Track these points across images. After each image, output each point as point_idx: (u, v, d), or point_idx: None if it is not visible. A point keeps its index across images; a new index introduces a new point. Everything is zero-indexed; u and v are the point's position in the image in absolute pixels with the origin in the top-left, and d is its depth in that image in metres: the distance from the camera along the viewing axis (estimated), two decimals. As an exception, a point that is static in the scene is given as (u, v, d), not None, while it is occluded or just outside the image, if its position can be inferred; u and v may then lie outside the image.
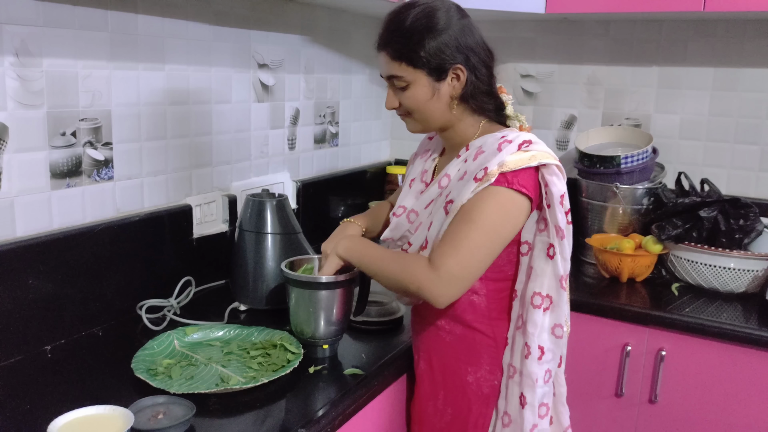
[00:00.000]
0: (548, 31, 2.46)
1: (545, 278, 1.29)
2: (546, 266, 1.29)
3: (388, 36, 1.31)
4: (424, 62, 1.27)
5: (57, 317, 1.43)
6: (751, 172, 2.22)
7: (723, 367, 1.70)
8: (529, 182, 1.24)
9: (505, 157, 1.23)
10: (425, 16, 1.28)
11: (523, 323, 1.31)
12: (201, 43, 1.76)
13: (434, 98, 1.31)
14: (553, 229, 1.27)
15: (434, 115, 1.33)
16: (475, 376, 1.36)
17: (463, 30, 1.29)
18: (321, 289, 1.37)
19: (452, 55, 1.28)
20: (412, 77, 1.29)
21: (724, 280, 1.87)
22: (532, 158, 1.24)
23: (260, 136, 2.02)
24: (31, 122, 1.38)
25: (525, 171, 1.24)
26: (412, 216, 1.39)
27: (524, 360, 1.30)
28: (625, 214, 2.13)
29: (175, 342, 1.43)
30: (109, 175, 1.56)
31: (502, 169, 1.22)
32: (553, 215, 1.26)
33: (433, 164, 1.46)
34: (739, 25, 2.17)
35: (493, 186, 1.23)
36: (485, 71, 1.32)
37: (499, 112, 1.37)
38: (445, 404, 1.39)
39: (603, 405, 1.85)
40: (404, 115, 1.38)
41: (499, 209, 1.24)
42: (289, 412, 1.22)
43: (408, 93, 1.31)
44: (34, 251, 1.38)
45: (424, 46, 1.27)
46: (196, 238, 1.77)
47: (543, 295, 1.29)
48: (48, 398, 1.21)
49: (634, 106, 2.36)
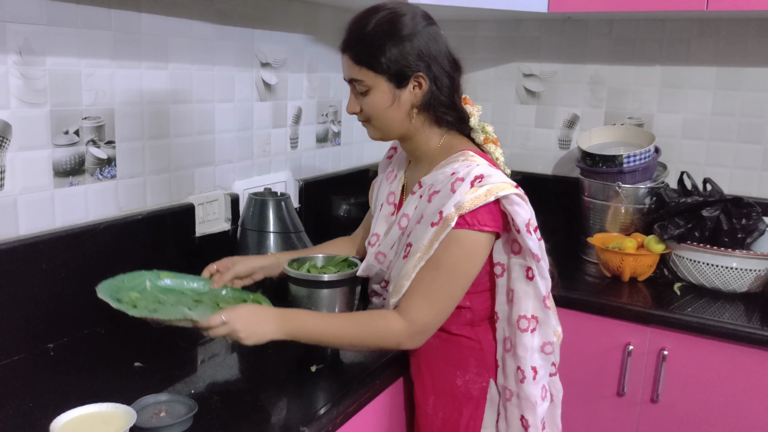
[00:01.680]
0: (551, 30, 2.45)
1: (529, 300, 1.30)
2: (528, 288, 1.29)
3: (351, 39, 1.31)
4: (384, 68, 1.26)
5: (59, 315, 1.44)
6: (753, 171, 2.21)
7: (725, 366, 1.70)
8: (488, 217, 1.23)
9: (460, 198, 1.21)
10: (388, 22, 1.27)
11: (512, 346, 1.32)
12: (204, 42, 1.77)
13: (394, 105, 1.29)
14: (529, 254, 1.27)
15: (393, 123, 1.32)
16: (463, 378, 1.36)
17: (429, 38, 1.27)
18: (323, 288, 1.37)
19: (414, 62, 1.26)
20: (372, 82, 1.28)
21: (727, 280, 1.87)
22: (488, 193, 1.22)
23: (263, 135, 2.02)
24: (34, 120, 1.38)
25: (483, 208, 1.22)
26: (381, 257, 1.39)
27: (520, 384, 1.31)
28: (628, 214, 2.13)
29: (147, 282, 1.40)
30: (112, 174, 1.56)
31: (460, 211, 1.21)
32: (524, 242, 1.25)
33: (399, 184, 1.46)
34: (742, 24, 2.17)
35: (454, 230, 1.22)
36: (447, 81, 1.30)
37: (462, 124, 1.36)
38: (436, 408, 1.39)
39: (605, 404, 1.85)
40: (364, 122, 1.37)
41: (464, 254, 1.23)
42: (291, 410, 1.22)
43: (368, 98, 1.31)
44: (36, 249, 1.38)
45: (385, 51, 1.25)
46: (198, 236, 1.77)
47: (528, 317, 1.30)
48: (50, 396, 1.21)
49: (637, 106, 2.36)
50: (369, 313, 1.33)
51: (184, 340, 1.46)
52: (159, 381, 1.29)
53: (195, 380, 1.31)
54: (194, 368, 1.39)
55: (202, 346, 1.48)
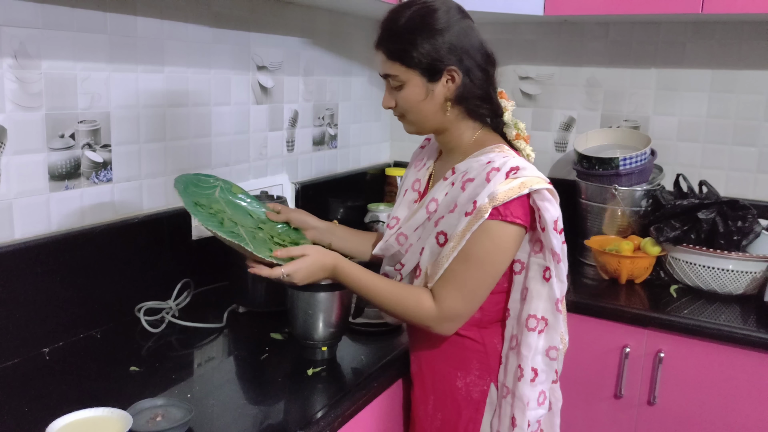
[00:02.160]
0: (548, 33, 2.46)
1: (541, 301, 1.30)
2: (542, 288, 1.29)
3: (384, 34, 1.31)
4: (416, 62, 1.27)
5: (55, 319, 1.43)
6: (749, 173, 2.22)
7: (721, 368, 1.70)
8: (520, 211, 1.23)
9: (494, 189, 1.22)
10: (420, 16, 1.27)
11: (517, 344, 1.32)
12: (200, 45, 1.76)
13: (428, 99, 1.30)
14: (549, 253, 1.27)
15: (427, 117, 1.33)
16: (464, 381, 1.36)
17: (461, 32, 1.28)
18: (320, 291, 1.37)
19: (446, 56, 1.27)
20: (405, 77, 1.29)
21: (723, 282, 1.87)
22: (522, 186, 1.22)
23: (259, 138, 2.02)
24: (29, 124, 1.38)
25: (516, 200, 1.23)
26: (402, 239, 1.39)
27: (516, 382, 1.30)
28: (624, 216, 2.13)
29: (217, 190, 1.44)
30: (108, 177, 1.56)
31: (493, 202, 1.21)
32: (548, 240, 1.26)
33: (427, 173, 1.46)
34: (737, 27, 2.17)
35: (487, 221, 1.22)
36: (481, 74, 1.30)
37: (496, 118, 1.36)
38: (435, 409, 1.39)
39: (602, 406, 1.86)
40: (400, 116, 1.38)
41: (496, 245, 1.24)
42: (288, 413, 1.22)
43: (402, 93, 1.31)
44: (32, 253, 1.38)
45: (417, 46, 1.26)
46: (194, 240, 1.77)
47: (538, 318, 1.30)
48: (46, 401, 1.21)
49: (633, 108, 2.36)
50: (407, 289, 1.32)
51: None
52: (155, 385, 1.29)
53: (191, 384, 1.31)
54: (191, 372, 1.38)
55: (198, 350, 1.47)
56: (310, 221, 1.52)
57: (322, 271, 1.30)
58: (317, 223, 1.52)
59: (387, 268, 1.46)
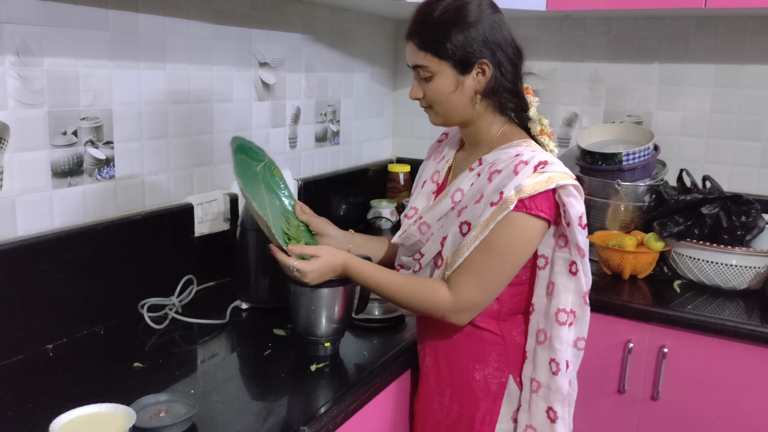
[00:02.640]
0: (550, 28, 2.45)
1: (569, 294, 1.31)
2: (569, 282, 1.31)
3: (417, 26, 1.31)
4: (449, 54, 1.27)
5: (58, 316, 1.43)
6: (752, 168, 2.21)
7: (725, 364, 1.70)
8: (546, 205, 1.24)
9: (521, 181, 1.23)
10: (455, 9, 1.27)
11: (546, 339, 1.32)
12: (202, 42, 1.76)
13: (457, 91, 1.30)
14: (575, 248, 1.28)
15: (456, 109, 1.33)
16: (482, 373, 1.37)
17: (493, 25, 1.29)
18: (323, 287, 1.37)
19: (479, 49, 1.27)
20: (436, 68, 1.29)
21: (726, 277, 1.87)
22: (549, 180, 1.23)
23: (261, 135, 2.02)
24: (32, 121, 1.38)
25: (542, 194, 1.23)
26: (424, 228, 1.38)
27: (553, 376, 1.32)
28: (627, 211, 2.13)
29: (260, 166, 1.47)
30: (111, 174, 1.56)
31: (519, 195, 1.22)
32: (573, 235, 1.27)
33: (446, 165, 1.47)
34: (740, 21, 2.16)
35: (512, 213, 1.23)
36: (511, 68, 1.31)
37: (522, 113, 1.37)
38: (452, 401, 1.40)
39: (605, 402, 1.85)
40: (427, 107, 1.37)
41: (518, 237, 1.25)
42: (291, 409, 1.22)
43: (432, 84, 1.31)
44: (35, 250, 1.38)
45: (451, 38, 1.26)
46: (197, 236, 1.77)
47: (567, 311, 1.31)
48: (49, 397, 1.21)
49: (636, 103, 2.36)
50: (421, 280, 1.33)
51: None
52: (158, 381, 1.29)
53: (195, 380, 1.31)
54: (194, 368, 1.38)
55: (202, 346, 1.48)
56: (329, 230, 1.52)
57: (332, 272, 1.32)
58: (336, 233, 1.53)
59: (404, 258, 1.46)
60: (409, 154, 2.75)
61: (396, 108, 2.76)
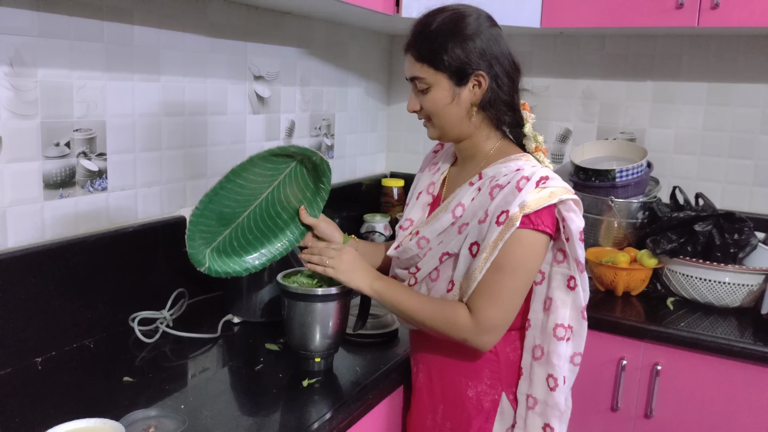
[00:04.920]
0: (544, 45, 2.47)
1: (567, 309, 1.31)
2: (567, 297, 1.31)
3: (414, 38, 1.32)
4: (446, 65, 1.28)
5: (48, 329, 1.42)
6: (744, 186, 2.22)
7: (718, 381, 1.69)
8: (549, 219, 1.25)
9: (525, 198, 1.23)
10: (452, 21, 1.29)
11: (543, 354, 1.32)
12: (197, 55, 1.76)
13: (454, 102, 1.31)
14: (574, 263, 1.29)
15: (453, 121, 1.33)
16: (475, 390, 1.36)
17: (491, 39, 1.30)
18: (316, 302, 1.36)
19: (475, 61, 1.28)
20: (433, 79, 1.30)
21: (719, 295, 1.87)
22: (551, 195, 1.24)
23: (255, 148, 2.01)
24: (24, 132, 1.37)
25: (545, 209, 1.24)
26: (423, 242, 1.37)
27: (550, 392, 1.31)
28: (620, 228, 2.13)
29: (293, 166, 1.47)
30: (103, 186, 1.55)
31: (524, 211, 1.22)
32: (573, 249, 1.27)
33: (441, 177, 1.46)
34: (733, 40, 2.18)
35: (518, 230, 1.23)
36: (508, 82, 1.32)
37: (518, 129, 1.37)
38: (444, 418, 1.39)
39: (598, 419, 1.85)
40: (425, 121, 1.38)
41: (527, 253, 1.25)
42: (283, 425, 1.21)
43: (429, 96, 1.32)
44: (25, 262, 1.37)
45: (448, 49, 1.27)
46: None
47: (565, 326, 1.31)
48: (38, 411, 1.20)
49: (629, 121, 2.37)
50: (443, 303, 1.32)
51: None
52: (148, 396, 1.27)
53: (185, 395, 1.30)
54: (184, 383, 1.37)
55: (193, 361, 1.46)
56: (336, 236, 1.54)
57: (364, 271, 1.36)
58: (341, 239, 1.54)
59: (398, 270, 1.45)
60: (402, 169, 2.75)
61: (390, 122, 2.76)
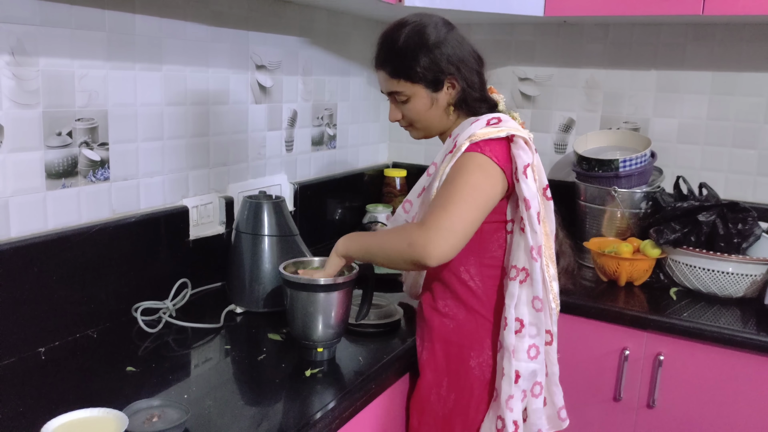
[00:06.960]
0: (547, 34, 2.45)
1: (519, 251, 1.34)
2: (520, 239, 1.34)
3: (385, 55, 1.40)
4: (420, 77, 1.36)
5: (51, 319, 1.42)
6: (748, 176, 2.22)
7: (721, 371, 1.69)
8: (499, 152, 1.29)
9: (474, 130, 1.30)
10: (416, 34, 1.36)
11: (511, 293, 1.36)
12: (199, 44, 1.75)
13: (433, 107, 1.40)
14: (522, 203, 1.31)
15: (434, 122, 1.42)
16: (477, 360, 1.38)
17: (454, 43, 1.37)
18: (319, 291, 1.36)
19: (446, 66, 1.36)
20: (411, 91, 1.38)
21: (723, 285, 1.87)
22: (499, 131, 1.30)
23: (258, 138, 2.01)
24: (26, 122, 1.36)
25: (494, 141, 1.29)
26: (407, 206, 1.45)
27: (502, 332, 1.34)
28: (624, 218, 2.13)
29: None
30: (105, 176, 1.55)
31: (471, 139, 1.29)
32: (519, 188, 1.30)
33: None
34: (737, 29, 2.17)
35: (465, 152, 1.29)
36: (477, 78, 1.40)
37: (493, 111, 1.43)
38: (449, 390, 1.41)
39: (601, 409, 1.85)
40: (407, 126, 1.46)
41: (474, 168, 1.29)
42: (286, 415, 1.21)
43: (409, 105, 1.40)
44: (28, 252, 1.36)
45: (419, 62, 1.35)
46: (192, 239, 1.76)
47: (519, 268, 1.34)
48: (41, 401, 1.20)
49: (633, 110, 2.36)
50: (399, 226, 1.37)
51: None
52: (152, 386, 1.28)
53: (188, 385, 1.30)
54: (188, 373, 1.37)
55: (195, 351, 1.46)
56: None
57: (335, 254, 1.38)
58: None
59: None
60: (405, 159, 2.75)
61: (392, 112, 2.75)
